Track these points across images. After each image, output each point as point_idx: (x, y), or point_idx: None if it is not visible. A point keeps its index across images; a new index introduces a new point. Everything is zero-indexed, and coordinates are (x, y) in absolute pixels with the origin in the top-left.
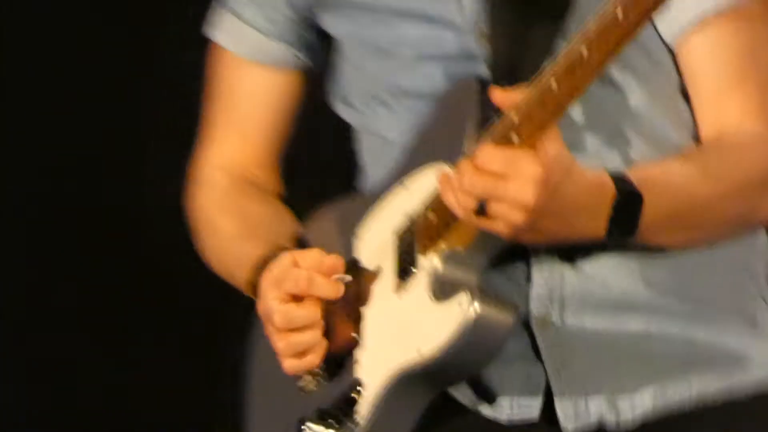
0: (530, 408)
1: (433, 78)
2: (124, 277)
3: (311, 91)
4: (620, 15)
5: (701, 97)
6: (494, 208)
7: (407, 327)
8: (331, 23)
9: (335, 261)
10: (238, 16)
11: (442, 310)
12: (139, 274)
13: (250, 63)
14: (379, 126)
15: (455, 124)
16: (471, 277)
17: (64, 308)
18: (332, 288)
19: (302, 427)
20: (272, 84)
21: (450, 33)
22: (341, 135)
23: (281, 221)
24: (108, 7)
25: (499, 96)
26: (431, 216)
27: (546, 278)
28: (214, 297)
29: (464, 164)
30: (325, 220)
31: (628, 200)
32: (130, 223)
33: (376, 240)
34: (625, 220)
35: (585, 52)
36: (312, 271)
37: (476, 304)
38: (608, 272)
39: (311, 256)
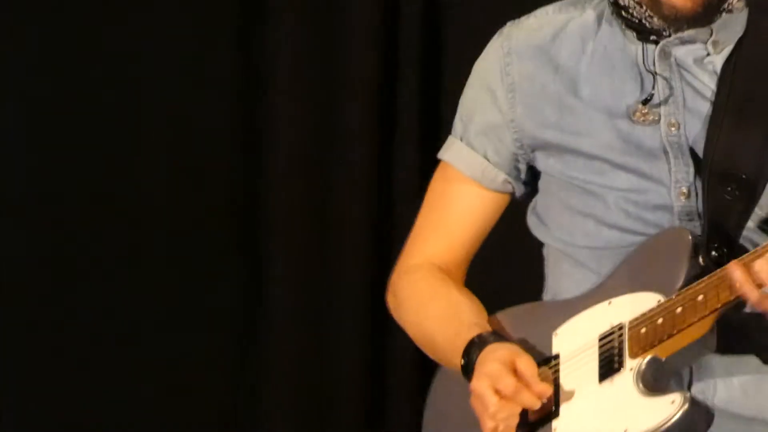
0: None
1: (629, 217)
2: None
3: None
4: None
5: None
6: None
7: (612, 412)
8: (546, 163)
9: (545, 389)
10: (470, 146)
11: (653, 403)
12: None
13: (473, 183)
14: (577, 253)
15: (668, 263)
16: (676, 380)
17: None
18: (533, 403)
19: None
20: (485, 203)
21: (655, 186)
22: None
23: (478, 309)
24: None
25: None
26: (644, 330)
27: (702, 387)
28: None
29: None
30: (514, 318)
31: None
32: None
33: (577, 340)
34: None
35: None
36: (523, 382)
37: (687, 406)
38: (751, 387)
39: (529, 369)
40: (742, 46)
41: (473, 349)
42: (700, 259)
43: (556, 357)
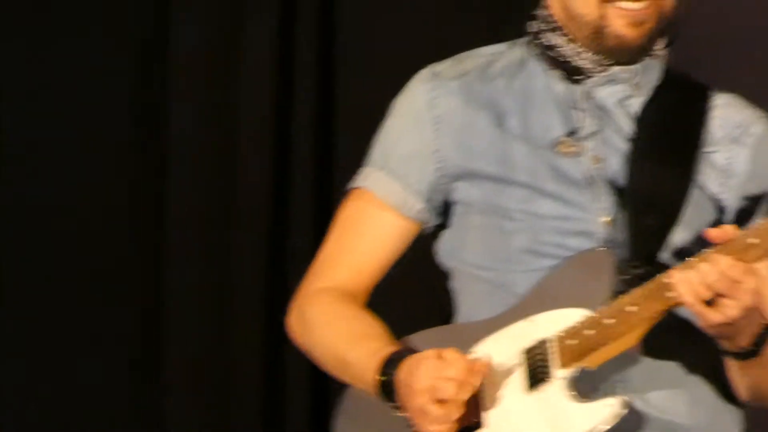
0: None
1: (551, 243)
2: None
3: None
4: None
5: None
6: (724, 302)
7: (545, 418)
8: (467, 192)
9: (482, 363)
10: (392, 174)
11: (587, 408)
12: None
13: (391, 210)
14: (495, 277)
15: (592, 281)
16: (606, 387)
17: None
18: (477, 380)
19: None
20: (400, 231)
21: (579, 214)
22: None
23: (387, 330)
24: None
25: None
26: (572, 342)
27: (630, 393)
28: None
29: (707, 267)
30: (427, 340)
31: None
32: None
33: (498, 356)
34: None
35: None
36: (460, 377)
37: (621, 409)
38: (674, 392)
39: (460, 362)
40: (659, 93)
41: (392, 365)
42: (624, 276)
43: None
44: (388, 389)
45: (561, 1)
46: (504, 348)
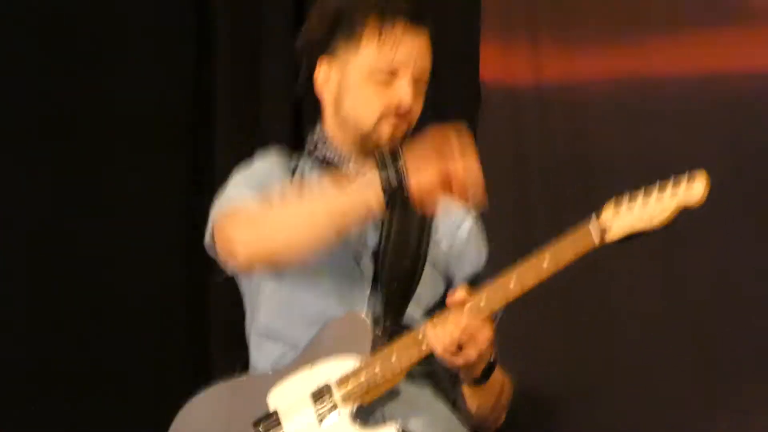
0: None
1: (327, 305)
2: None
3: None
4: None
5: None
6: (465, 351)
7: None
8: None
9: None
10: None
11: None
12: None
13: None
14: (277, 335)
15: (355, 335)
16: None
17: None
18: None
19: None
20: None
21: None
22: None
23: None
24: None
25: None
26: (350, 386)
27: (400, 418)
28: None
29: (451, 326)
30: (220, 394)
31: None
32: None
33: (291, 398)
34: None
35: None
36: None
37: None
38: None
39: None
40: (399, 197)
41: (384, 161)
42: (379, 331)
43: (275, 413)
44: (396, 179)
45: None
46: (294, 392)
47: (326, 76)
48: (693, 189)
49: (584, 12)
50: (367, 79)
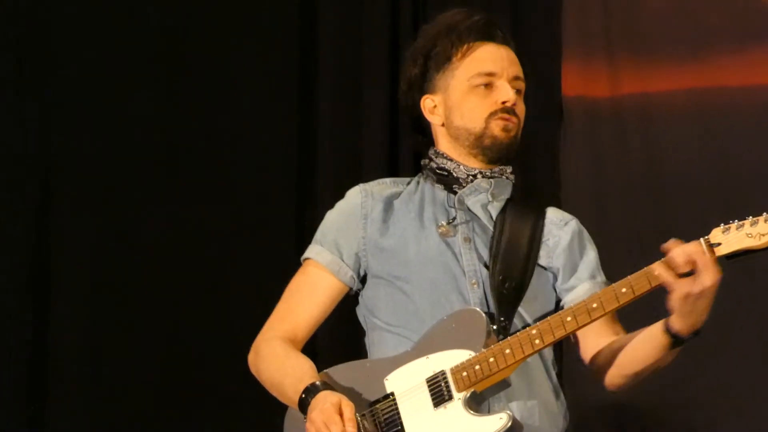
0: None
1: (435, 301)
2: None
3: None
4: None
5: None
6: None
7: (451, 428)
8: (377, 267)
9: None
10: (329, 249)
11: (483, 420)
12: None
13: (330, 273)
14: (397, 330)
15: (471, 330)
16: (492, 404)
17: None
18: None
19: None
20: (334, 290)
21: (454, 279)
22: None
23: (312, 366)
24: None
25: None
26: (465, 374)
27: (506, 409)
28: None
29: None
30: (346, 371)
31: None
32: None
33: (407, 383)
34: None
35: None
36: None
37: (510, 421)
38: (529, 407)
39: (349, 412)
40: (508, 205)
41: (309, 391)
42: (493, 327)
43: (392, 394)
44: (303, 408)
45: (446, 128)
46: (410, 378)
47: (432, 105)
48: None
49: (657, 31)
50: (467, 93)
